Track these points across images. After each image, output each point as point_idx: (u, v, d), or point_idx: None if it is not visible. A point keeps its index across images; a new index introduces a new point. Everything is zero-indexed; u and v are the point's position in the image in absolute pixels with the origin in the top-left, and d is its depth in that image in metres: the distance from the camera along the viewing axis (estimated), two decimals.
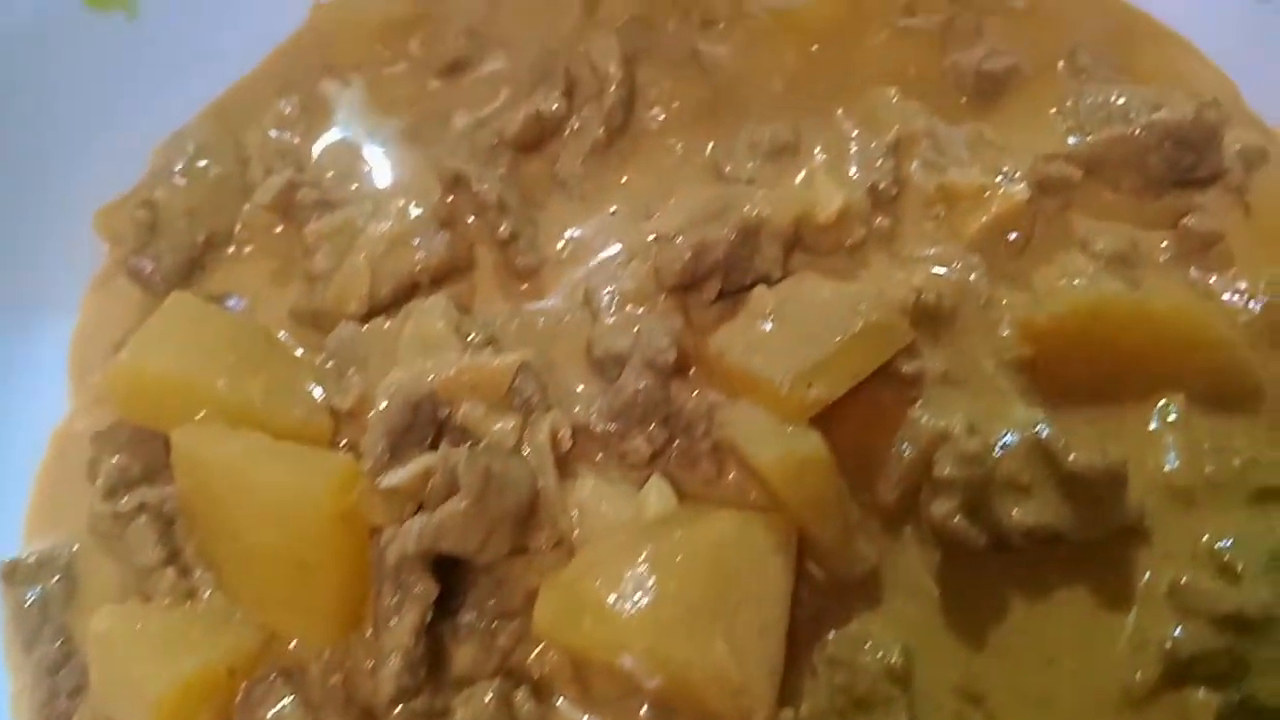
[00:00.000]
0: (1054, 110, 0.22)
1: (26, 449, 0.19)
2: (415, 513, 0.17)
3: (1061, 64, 0.23)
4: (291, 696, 0.17)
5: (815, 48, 0.23)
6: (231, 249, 0.20)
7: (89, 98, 0.22)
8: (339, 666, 0.17)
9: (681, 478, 0.18)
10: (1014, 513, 0.17)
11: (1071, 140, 0.21)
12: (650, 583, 0.16)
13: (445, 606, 0.17)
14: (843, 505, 0.17)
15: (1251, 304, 0.21)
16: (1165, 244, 0.20)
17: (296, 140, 0.21)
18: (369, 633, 0.17)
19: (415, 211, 0.19)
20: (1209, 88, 0.23)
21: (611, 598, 0.15)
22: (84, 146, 0.21)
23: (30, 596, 0.18)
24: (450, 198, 0.20)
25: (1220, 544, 0.18)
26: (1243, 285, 0.21)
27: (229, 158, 0.21)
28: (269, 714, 0.16)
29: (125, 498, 0.18)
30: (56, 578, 0.18)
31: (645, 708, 0.16)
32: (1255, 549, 0.18)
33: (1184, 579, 0.17)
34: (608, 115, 0.20)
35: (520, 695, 0.17)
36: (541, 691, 0.17)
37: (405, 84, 0.22)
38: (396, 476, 0.16)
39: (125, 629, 0.17)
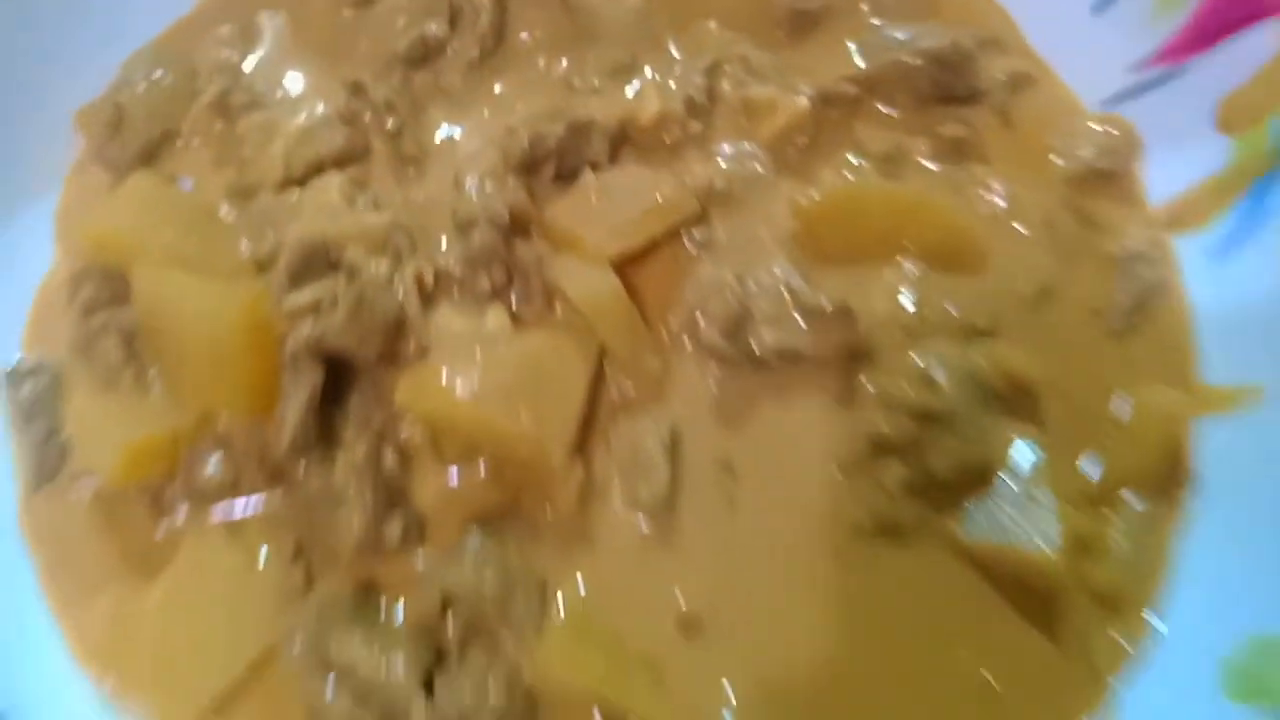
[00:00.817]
0: (852, 43, 0.28)
1: (23, 293, 0.25)
2: None
3: (865, 5, 0.28)
4: (221, 455, 0.23)
5: None
6: (181, 142, 0.27)
7: (64, 23, 0.28)
8: (256, 434, 0.23)
9: (520, 311, 0.25)
10: (765, 336, 0.23)
11: (860, 64, 0.27)
12: (477, 374, 0.22)
13: (337, 401, 0.23)
14: (636, 329, 0.24)
15: (999, 200, 0.26)
16: (926, 148, 0.26)
17: (235, 58, 0.28)
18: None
19: (322, 110, 0.25)
20: (994, 24, 0.29)
21: (448, 384, 0.22)
22: (62, 60, 0.28)
23: (26, 391, 0.25)
24: (351, 101, 0.26)
25: (927, 365, 0.23)
26: (994, 184, 0.27)
27: (181, 71, 0.28)
28: (206, 469, 0.22)
29: (95, 317, 0.24)
30: (47, 378, 0.25)
31: (483, 462, 0.23)
32: (953, 370, 0.24)
33: (894, 388, 0.23)
34: (481, 39, 0.27)
35: (388, 452, 0.23)
36: (405, 451, 0.23)
37: (322, 13, 0.28)
38: (295, 299, 0.22)
39: (97, 409, 0.24)
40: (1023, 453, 0.23)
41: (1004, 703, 0.22)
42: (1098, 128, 0.28)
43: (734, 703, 0.21)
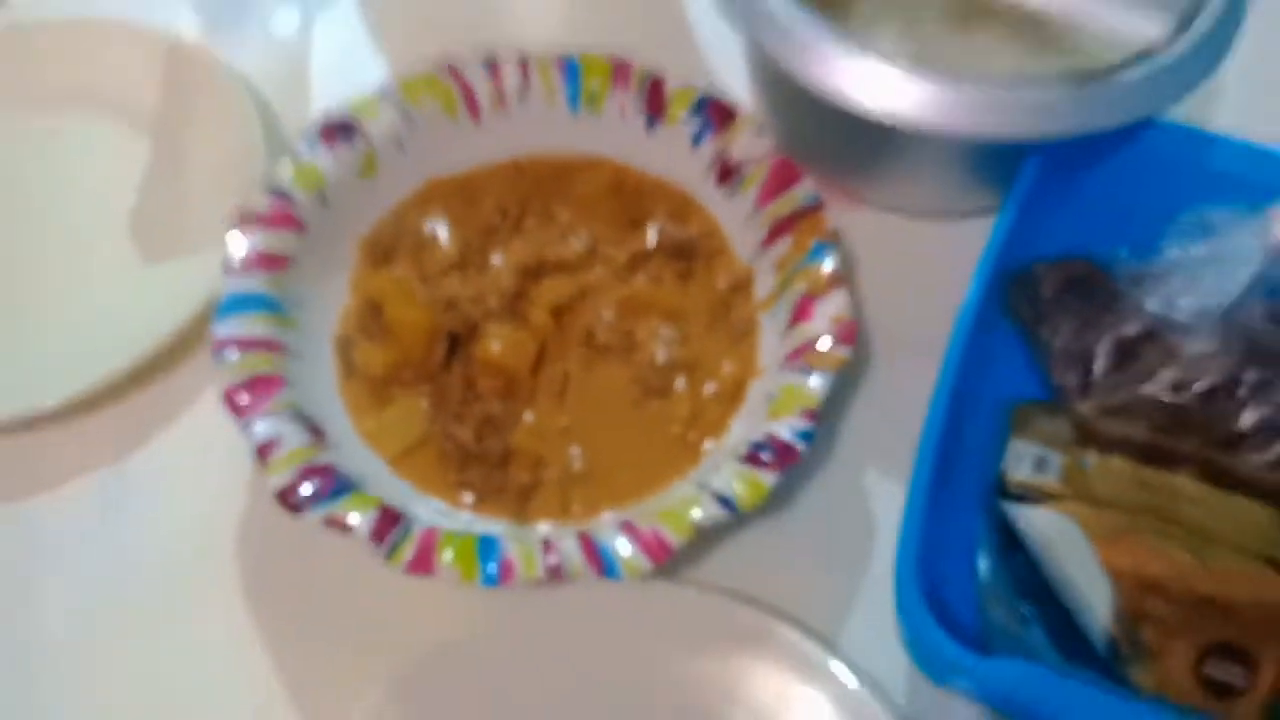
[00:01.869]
0: (649, 233, 0.65)
1: (337, 310, 0.64)
2: None
3: (660, 216, 0.66)
4: (411, 370, 0.58)
5: None
6: (398, 257, 0.64)
7: (359, 208, 0.66)
8: (424, 363, 0.56)
9: (515, 324, 0.63)
10: (599, 338, 0.62)
11: (651, 242, 0.65)
12: (499, 345, 0.61)
13: (453, 351, 0.62)
14: (553, 333, 0.58)
15: (696, 297, 0.65)
16: (671, 275, 0.64)
17: (425, 226, 0.66)
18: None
19: (452, 250, 0.64)
20: (709, 225, 0.65)
21: (490, 347, 0.61)
22: (354, 224, 0.66)
23: (340, 341, 0.63)
24: (464, 248, 0.65)
25: (655, 350, 0.62)
26: (694, 291, 0.65)
27: (396, 229, 0.66)
28: (405, 374, 0.54)
29: (367, 319, 0.56)
30: (346, 340, 0.63)
31: (502, 377, 0.62)
32: (670, 355, 0.62)
33: (644, 358, 0.63)
34: (512, 226, 0.66)
35: (468, 371, 0.62)
36: (474, 371, 0.58)
37: (455, 208, 0.66)
38: (443, 316, 0.59)
39: (367, 349, 0.56)
40: (681, 382, 0.58)
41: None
42: (743, 271, 0.57)
43: (577, 453, 0.54)
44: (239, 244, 0.52)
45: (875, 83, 0.47)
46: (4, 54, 0.59)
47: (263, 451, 0.47)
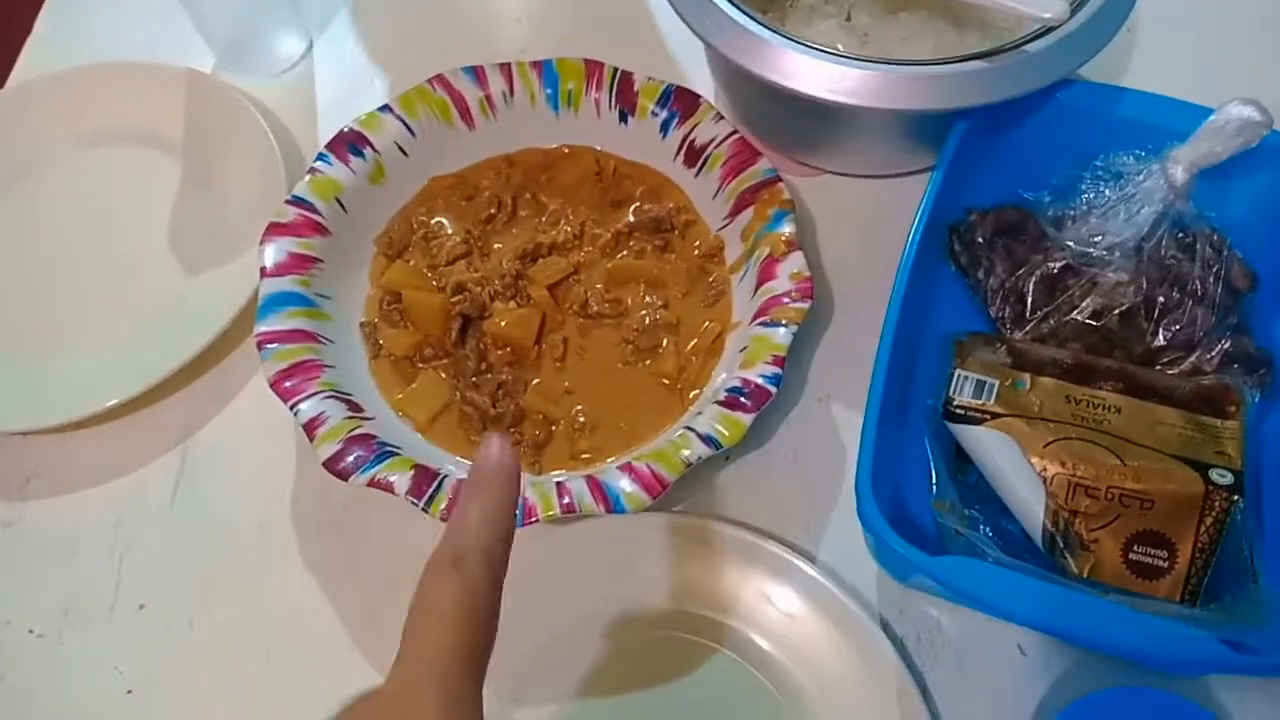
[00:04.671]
0: (630, 210, 0.71)
1: (360, 301, 0.69)
2: None
3: (639, 196, 0.72)
4: (430, 348, 0.61)
5: None
6: (409, 249, 0.69)
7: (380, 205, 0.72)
8: (441, 340, 0.59)
9: (518, 301, 0.68)
10: (591, 308, 0.67)
11: (630, 219, 0.70)
12: (505, 321, 0.66)
13: (467, 330, 0.67)
14: (552, 306, 0.63)
15: (674, 265, 0.70)
16: (652, 247, 0.70)
17: (431, 221, 0.72)
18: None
19: (457, 241, 0.70)
20: (682, 200, 0.67)
21: (498, 323, 0.66)
22: (375, 219, 0.72)
23: (365, 330, 0.69)
24: (466, 235, 0.70)
25: (647, 314, 0.67)
26: (673, 259, 0.70)
27: (405, 226, 0.72)
28: (427, 351, 0.58)
29: (392, 308, 0.66)
30: (370, 326, 0.67)
31: (509, 347, 0.67)
32: (652, 317, 0.68)
33: (637, 324, 0.68)
34: (508, 214, 0.70)
35: (481, 345, 0.65)
36: (486, 345, 0.61)
37: (450, 202, 0.72)
38: (455, 300, 0.66)
39: (391, 332, 0.62)
40: (667, 341, 0.62)
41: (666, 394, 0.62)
42: (714, 241, 0.62)
43: (581, 409, 0.59)
44: (271, 250, 0.56)
45: (816, 72, 0.51)
46: (46, 99, 0.64)
47: (310, 428, 0.52)
